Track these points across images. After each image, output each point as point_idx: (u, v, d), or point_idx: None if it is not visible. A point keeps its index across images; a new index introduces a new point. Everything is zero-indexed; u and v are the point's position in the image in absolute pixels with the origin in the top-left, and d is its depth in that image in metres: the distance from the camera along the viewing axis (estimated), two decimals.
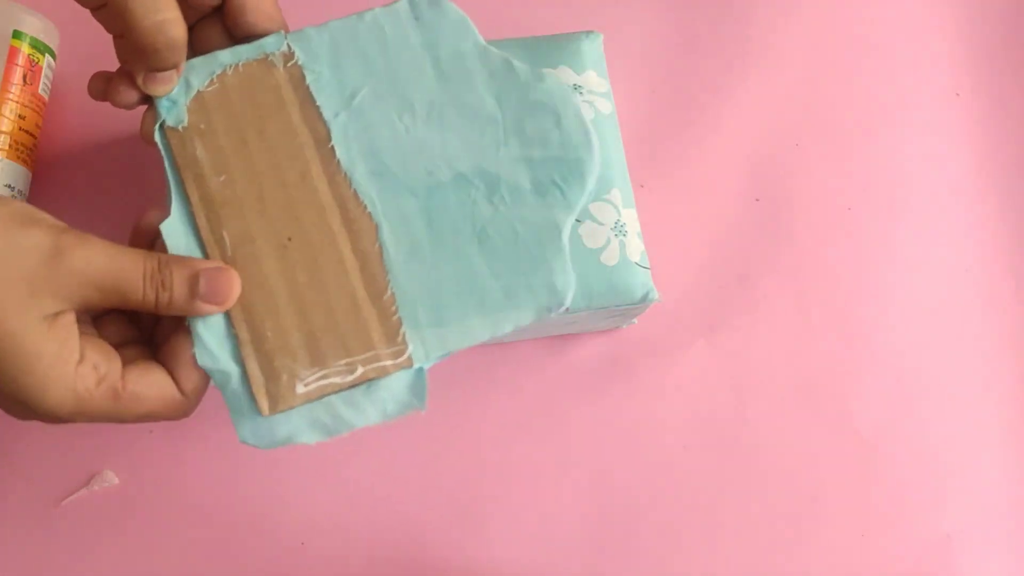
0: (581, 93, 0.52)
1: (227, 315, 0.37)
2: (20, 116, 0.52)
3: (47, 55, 0.53)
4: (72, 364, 0.34)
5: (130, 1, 0.35)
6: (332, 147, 0.39)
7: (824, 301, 0.59)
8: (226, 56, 0.39)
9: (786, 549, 0.54)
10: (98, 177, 0.56)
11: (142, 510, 0.52)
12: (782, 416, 0.56)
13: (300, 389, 0.36)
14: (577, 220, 0.50)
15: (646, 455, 0.55)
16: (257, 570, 0.51)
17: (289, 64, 0.39)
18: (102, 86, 0.40)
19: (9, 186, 0.51)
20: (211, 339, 0.36)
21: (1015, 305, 0.60)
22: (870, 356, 0.58)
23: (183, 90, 0.39)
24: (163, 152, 0.38)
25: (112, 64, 0.41)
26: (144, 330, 0.39)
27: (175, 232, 0.37)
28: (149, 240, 0.38)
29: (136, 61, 0.38)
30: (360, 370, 0.36)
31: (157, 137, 0.39)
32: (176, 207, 0.38)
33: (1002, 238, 0.61)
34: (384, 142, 0.39)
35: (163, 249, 0.38)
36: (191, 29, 0.39)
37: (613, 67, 0.55)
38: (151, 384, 0.36)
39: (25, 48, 0.52)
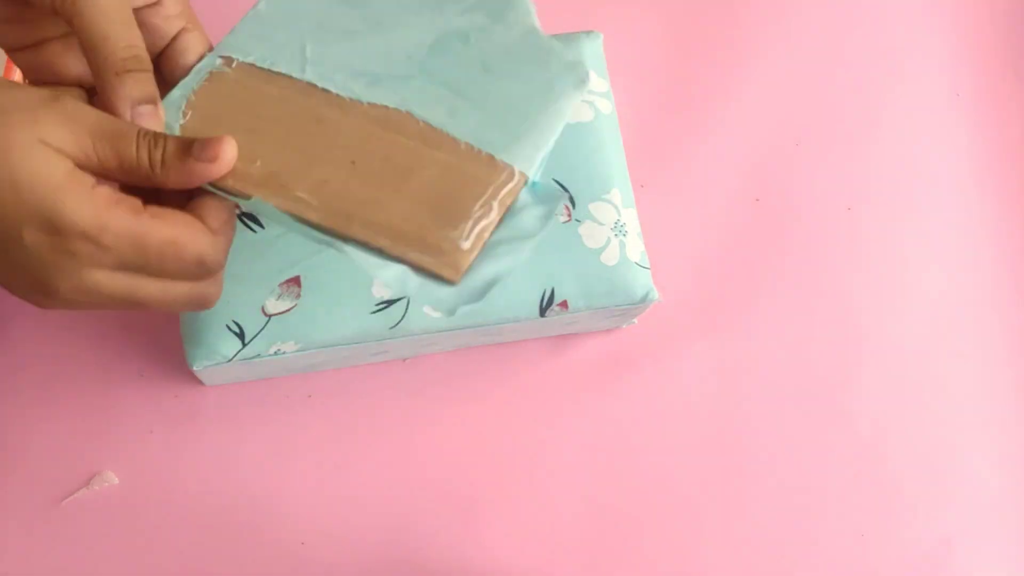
0: None
1: (364, 245, 0.37)
2: None
3: None
4: (88, 183, 0.33)
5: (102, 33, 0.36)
6: (323, 89, 0.40)
7: (824, 300, 0.59)
8: (177, 93, 0.40)
9: (786, 548, 0.54)
10: None
11: (142, 510, 0.52)
12: (782, 416, 0.56)
13: (465, 245, 0.37)
14: (577, 220, 0.50)
15: (646, 454, 0.55)
16: (257, 570, 0.51)
17: (234, 65, 0.41)
18: None
19: None
20: (387, 274, 0.37)
21: (1015, 305, 0.60)
22: (870, 356, 0.58)
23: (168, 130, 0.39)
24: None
25: None
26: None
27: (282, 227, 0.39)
28: None
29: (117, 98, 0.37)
30: (495, 204, 0.38)
31: None
32: (253, 205, 0.38)
33: (1002, 238, 0.61)
34: (360, 59, 0.41)
35: None
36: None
37: (613, 67, 0.55)
38: (174, 213, 0.35)
39: None
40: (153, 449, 0.53)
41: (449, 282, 0.37)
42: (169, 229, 0.34)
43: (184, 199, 0.37)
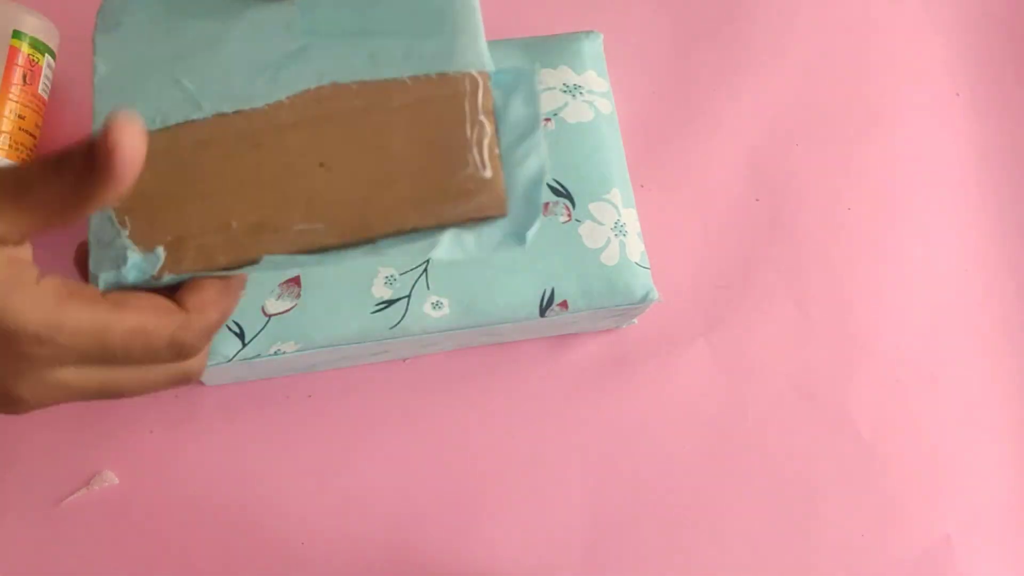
0: (581, 93, 0.52)
1: (397, 235, 0.33)
2: (20, 116, 0.52)
3: (47, 55, 0.53)
4: (32, 277, 0.29)
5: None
6: (234, 113, 0.35)
7: (824, 301, 0.59)
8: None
9: (786, 549, 0.54)
10: None
11: (142, 510, 0.52)
12: (782, 416, 0.56)
13: (488, 174, 0.33)
14: (577, 220, 0.50)
15: (646, 454, 0.55)
16: (257, 570, 0.51)
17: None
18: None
19: None
20: (442, 249, 0.33)
21: (1014, 305, 0.60)
22: (870, 356, 0.58)
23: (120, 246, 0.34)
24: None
25: None
26: None
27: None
28: None
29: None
30: (482, 118, 0.34)
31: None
32: (266, 266, 0.34)
33: (1002, 238, 0.61)
34: (242, 59, 0.36)
35: None
36: None
37: (613, 67, 0.55)
38: (137, 296, 0.31)
39: (25, 48, 0.52)
40: (153, 449, 0.53)
41: (499, 216, 0.33)
42: (133, 317, 0.30)
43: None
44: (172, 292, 0.33)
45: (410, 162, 0.34)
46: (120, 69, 0.36)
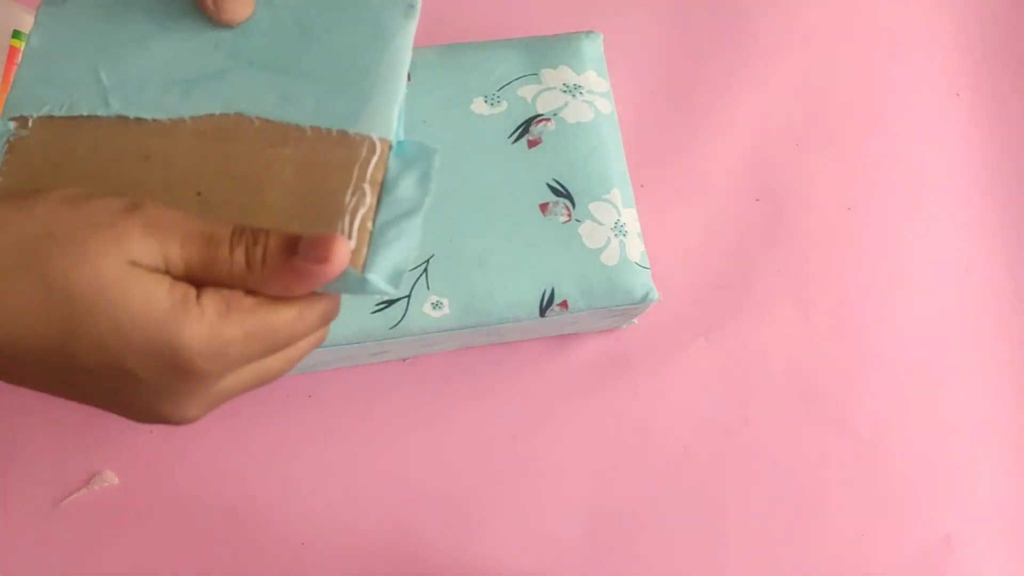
0: (581, 93, 0.52)
1: None
2: None
3: None
4: (192, 299, 0.29)
5: None
6: (137, 120, 0.35)
7: (824, 301, 0.59)
8: None
9: (786, 549, 0.54)
10: None
11: (142, 510, 0.52)
12: (781, 416, 0.56)
13: (351, 245, 0.32)
14: (577, 220, 0.50)
15: (646, 454, 0.55)
16: (257, 570, 0.51)
17: (30, 124, 0.35)
18: None
19: None
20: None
21: (1014, 305, 0.60)
22: (870, 356, 0.58)
23: None
24: None
25: None
26: None
27: None
28: None
29: None
30: (366, 187, 0.33)
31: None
32: None
33: (1002, 238, 0.61)
34: (164, 66, 0.35)
35: None
36: None
37: (613, 67, 0.55)
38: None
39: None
40: (153, 449, 0.53)
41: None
42: (288, 308, 0.31)
43: None
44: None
45: (283, 212, 0.33)
46: (51, 45, 0.36)
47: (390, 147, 0.34)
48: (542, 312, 0.49)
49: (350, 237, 0.32)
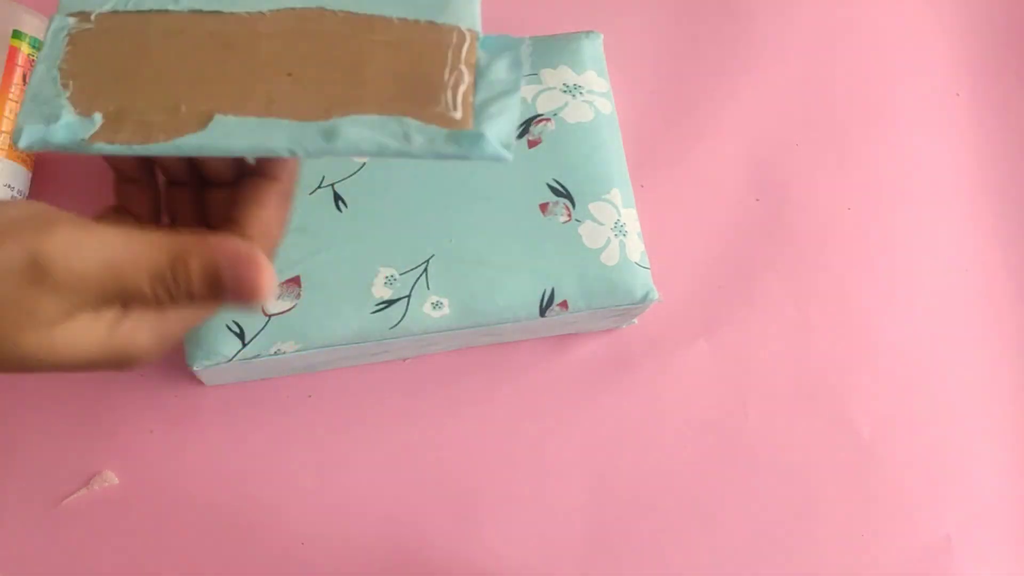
0: (581, 93, 0.52)
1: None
2: None
3: None
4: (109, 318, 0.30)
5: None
6: (214, 13, 0.34)
7: (824, 301, 0.59)
8: (40, 70, 0.33)
9: (786, 549, 0.54)
10: (98, 177, 0.56)
11: (142, 510, 0.52)
12: (782, 415, 0.56)
13: (456, 116, 0.32)
14: (577, 220, 0.50)
15: (646, 454, 0.55)
16: (257, 570, 0.51)
17: (93, 18, 0.34)
18: None
19: (9, 186, 0.51)
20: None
21: (1014, 305, 0.60)
22: (870, 356, 0.58)
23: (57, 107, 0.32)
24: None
25: None
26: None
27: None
28: None
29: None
30: (462, 68, 0.33)
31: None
32: (202, 139, 0.32)
33: (1001, 237, 0.61)
34: None
35: None
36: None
37: (613, 67, 0.55)
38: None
39: (25, 48, 0.52)
40: (153, 449, 0.53)
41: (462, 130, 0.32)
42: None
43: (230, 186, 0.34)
44: (230, 211, 0.33)
45: (380, 89, 0.32)
46: None
47: (477, 37, 0.34)
48: (542, 312, 0.49)
49: (455, 108, 0.32)
